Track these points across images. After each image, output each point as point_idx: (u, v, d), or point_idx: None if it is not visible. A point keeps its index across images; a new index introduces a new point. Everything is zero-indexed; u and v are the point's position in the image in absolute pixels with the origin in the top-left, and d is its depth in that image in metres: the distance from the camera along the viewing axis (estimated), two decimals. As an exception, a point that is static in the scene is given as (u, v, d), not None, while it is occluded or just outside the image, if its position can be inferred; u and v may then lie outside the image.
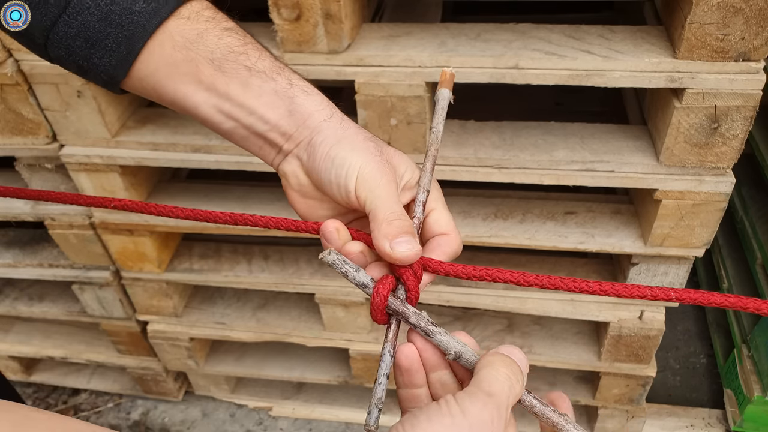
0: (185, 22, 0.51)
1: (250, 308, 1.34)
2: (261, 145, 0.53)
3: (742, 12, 0.74)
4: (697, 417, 1.44)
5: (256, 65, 0.51)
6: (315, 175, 0.51)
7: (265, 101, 0.51)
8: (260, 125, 0.52)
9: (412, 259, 0.47)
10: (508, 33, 0.89)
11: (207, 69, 0.50)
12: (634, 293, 0.45)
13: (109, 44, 0.50)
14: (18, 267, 1.31)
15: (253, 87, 0.51)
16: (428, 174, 0.53)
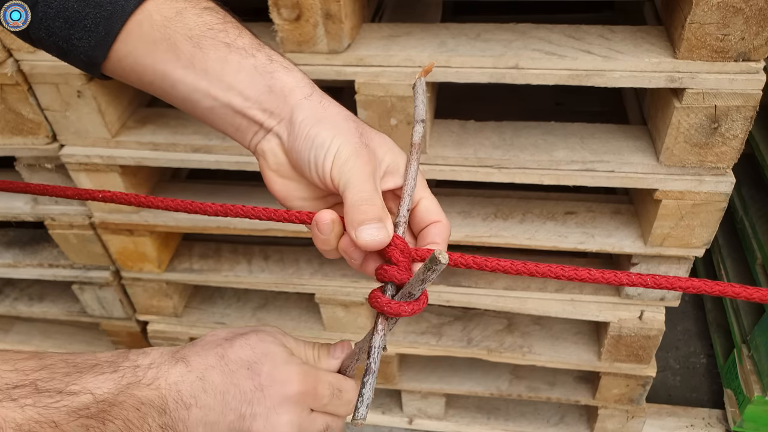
0: (164, 1, 0.50)
1: (250, 308, 1.34)
2: (239, 124, 0.52)
3: (742, 12, 0.74)
4: (697, 417, 1.44)
5: (236, 42, 0.51)
6: (294, 155, 0.50)
7: (245, 77, 0.50)
8: (239, 101, 0.50)
9: (378, 245, 0.46)
10: (508, 33, 0.89)
11: (185, 46, 0.50)
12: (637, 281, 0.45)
13: (88, 24, 0.49)
14: (18, 267, 1.31)
15: (231, 63, 0.50)
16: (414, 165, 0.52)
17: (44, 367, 0.42)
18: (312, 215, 0.49)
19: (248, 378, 0.47)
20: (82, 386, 0.42)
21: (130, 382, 0.43)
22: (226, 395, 0.46)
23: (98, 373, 0.43)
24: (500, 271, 0.47)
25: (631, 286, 0.45)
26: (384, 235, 0.46)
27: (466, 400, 1.45)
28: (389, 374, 1.33)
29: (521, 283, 1.15)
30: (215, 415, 0.45)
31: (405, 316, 0.47)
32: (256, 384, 0.47)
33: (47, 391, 0.40)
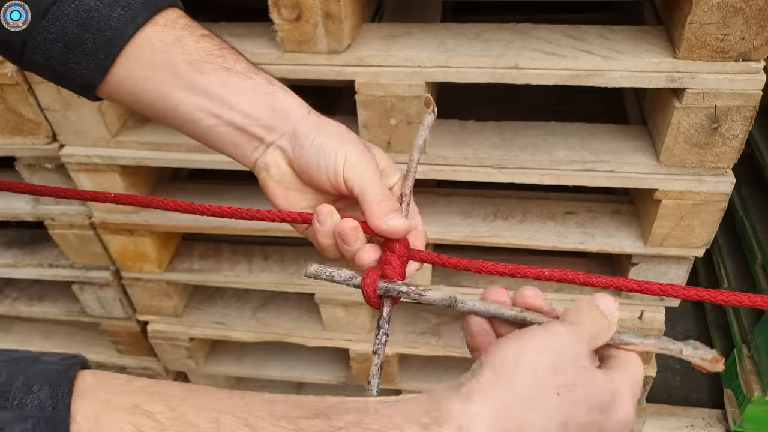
0: (162, 28, 0.53)
1: (250, 308, 1.34)
2: (239, 141, 0.54)
3: (742, 12, 0.75)
4: (697, 417, 1.44)
5: (234, 66, 0.53)
6: (303, 162, 0.53)
7: (246, 98, 0.53)
8: (240, 119, 0.53)
9: (405, 231, 0.51)
10: (508, 33, 0.89)
11: (186, 70, 0.52)
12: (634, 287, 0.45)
13: (87, 48, 0.51)
14: (18, 267, 1.31)
15: (232, 84, 0.53)
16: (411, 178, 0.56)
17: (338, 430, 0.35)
18: (307, 214, 0.52)
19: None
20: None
21: None
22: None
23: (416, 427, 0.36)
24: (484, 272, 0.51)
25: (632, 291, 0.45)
26: (407, 223, 0.51)
27: (466, 400, 1.45)
28: (389, 374, 1.33)
29: (521, 283, 1.15)
30: None
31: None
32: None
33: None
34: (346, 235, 0.51)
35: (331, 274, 0.50)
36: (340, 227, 0.51)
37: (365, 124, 0.92)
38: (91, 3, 0.51)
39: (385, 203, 0.51)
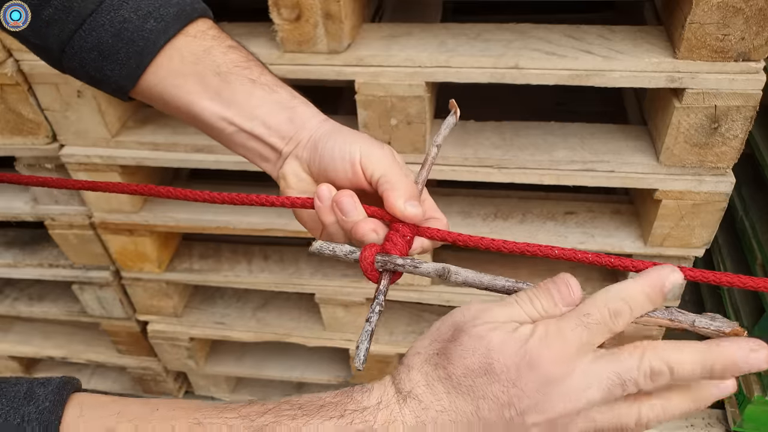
0: (192, 39, 0.55)
1: (250, 308, 1.34)
2: (260, 151, 0.57)
3: (742, 12, 0.75)
4: (697, 417, 1.44)
5: (260, 79, 0.56)
6: (317, 164, 0.54)
7: (268, 110, 0.55)
8: (262, 130, 0.55)
9: (420, 219, 0.52)
10: (508, 33, 0.89)
11: (213, 80, 0.55)
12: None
13: (121, 58, 0.54)
14: (18, 267, 1.31)
15: (256, 96, 0.55)
16: (425, 171, 0.58)
17: (268, 411, 0.40)
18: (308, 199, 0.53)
19: (491, 383, 0.40)
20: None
21: (360, 430, 0.39)
22: (479, 412, 0.40)
23: (325, 417, 0.40)
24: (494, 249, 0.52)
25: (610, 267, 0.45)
26: (420, 212, 0.51)
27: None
28: (389, 374, 1.33)
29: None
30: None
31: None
32: (503, 383, 0.40)
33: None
34: (343, 204, 0.51)
35: (333, 249, 0.51)
36: (337, 197, 0.52)
37: (365, 124, 0.92)
38: (125, 15, 0.54)
39: (409, 187, 0.52)
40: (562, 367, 0.39)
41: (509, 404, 0.39)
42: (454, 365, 0.41)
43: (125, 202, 1.11)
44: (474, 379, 0.40)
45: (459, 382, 0.40)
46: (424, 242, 0.54)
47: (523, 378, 0.39)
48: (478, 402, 0.40)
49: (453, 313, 0.46)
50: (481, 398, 0.40)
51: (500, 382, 0.40)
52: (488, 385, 0.40)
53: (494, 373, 0.40)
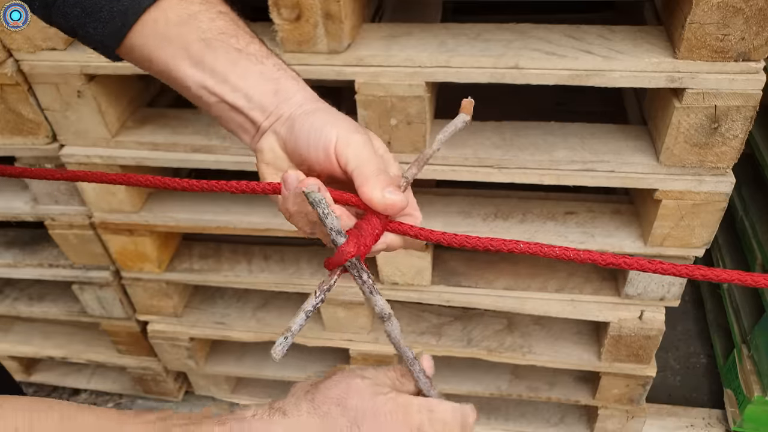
0: (179, 2, 0.53)
1: (250, 308, 1.34)
2: (240, 122, 0.55)
3: (742, 12, 0.74)
4: (697, 417, 1.44)
5: (246, 48, 0.53)
6: (292, 145, 0.52)
7: (251, 82, 0.53)
8: (243, 102, 0.53)
9: (401, 207, 0.50)
10: (508, 33, 0.89)
11: (197, 45, 0.53)
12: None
13: (104, 16, 0.53)
14: (18, 267, 1.31)
15: (240, 66, 0.53)
16: (415, 169, 0.55)
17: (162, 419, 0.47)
18: (276, 184, 0.51)
19: (341, 414, 0.49)
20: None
21: (237, 429, 0.48)
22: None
23: (209, 425, 0.48)
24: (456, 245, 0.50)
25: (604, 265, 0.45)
26: (403, 198, 0.50)
27: (466, 400, 1.45)
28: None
29: (521, 283, 1.15)
30: None
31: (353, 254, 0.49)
32: (349, 418, 0.49)
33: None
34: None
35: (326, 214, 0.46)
36: (302, 184, 0.49)
37: (365, 123, 0.92)
38: None
39: (383, 177, 0.49)
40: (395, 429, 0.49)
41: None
42: (320, 392, 0.51)
43: (125, 202, 1.11)
44: (330, 407, 0.49)
45: (319, 406, 0.50)
46: (392, 240, 0.53)
47: (366, 422, 0.49)
48: (326, 425, 0.49)
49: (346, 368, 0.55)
50: (330, 424, 0.49)
51: (347, 416, 0.49)
52: (339, 416, 0.49)
53: (346, 408, 0.49)
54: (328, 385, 0.51)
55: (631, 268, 0.46)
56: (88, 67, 0.95)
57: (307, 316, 0.49)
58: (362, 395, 0.50)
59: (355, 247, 0.48)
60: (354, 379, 0.51)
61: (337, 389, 0.50)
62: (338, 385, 0.51)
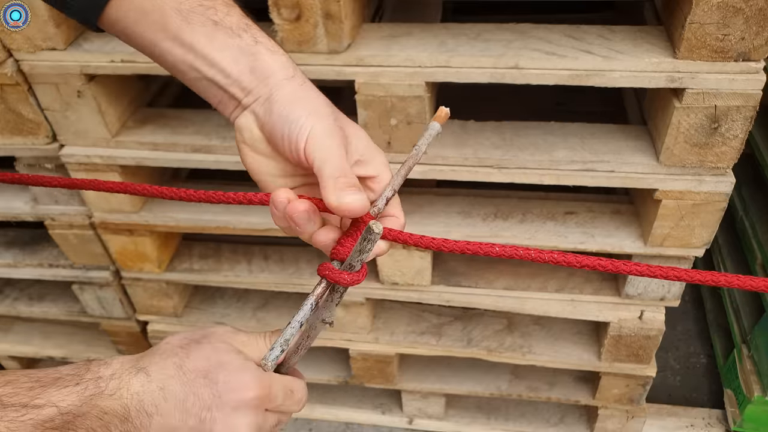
0: None
1: (250, 308, 1.34)
2: (221, 98, 0.54)
3: (742, 12, 0.74)
4: (697, 417, 1.44)
5: (224, 20, 0.52)
6: (269, 131, 0.52)
7: (229, 55, 0.52)
8: (221, 78, 0.53)
9: (360, 210, 0.49)
10: (508, 33, 0.89)
11: (174, 19, 0.52)
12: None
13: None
14: (18, 267, 1.31)
15: (217, 40, 0.52)
16: (400, 178, 0.55)
17: (7, 383, 0.44)
18: (265, 196, 0.52)
19: (206, 386, 0.50)
20: (46, 399, 0.43)
21: (93, 393, 0.45)
22: (185, 402, 0.49)
23: (61, 386, 0.45)
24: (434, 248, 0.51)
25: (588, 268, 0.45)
26: (364, 200, 0.49)
27: (466, 400, 1.45)
28: (389, 374, 1.33)
29: (521, 283, 1.15)
30: (176, 421, 0.48)
31: (344, 285, 0.50)
32: (214, 392, 0.50)
33: (12, 405, 0.42)
34: (295, 219, 0.50)
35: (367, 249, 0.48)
36: (290, 209, 0.50)
37: (365, 123, 0.92)
38: None
39: (343, 179, 0.49)
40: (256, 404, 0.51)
41: (209, 408, 0.49)
42: (190, 360, 0.50)
43: (125, 202, 1.11)
44: (196, 378, 0.49)
45: (185, 374, 0.49)
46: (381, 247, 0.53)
47: (228, 396, 0.50)
48: (188, 394, 0.49)
49: (210, 326, 0.55)
50: (193, 393, 0.49)
51: (213, 390, 0.49)
52: (204, 386, 0.49)
53: (212, 382, 0.50)
54: (199, 355, 0.51)
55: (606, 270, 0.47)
56: (88, 67, 0.95)
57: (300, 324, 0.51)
58: (230, 370, 0.51)
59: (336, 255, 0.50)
60: (225, 355, 0.52)
61: (207, 362, 0.51)
62: (210, 359, 0.51)
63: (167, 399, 0.48)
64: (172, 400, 0.48)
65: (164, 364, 0.50)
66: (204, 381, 0.50)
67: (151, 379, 0.48)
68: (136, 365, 0.49)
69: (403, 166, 0.56)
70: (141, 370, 0.48)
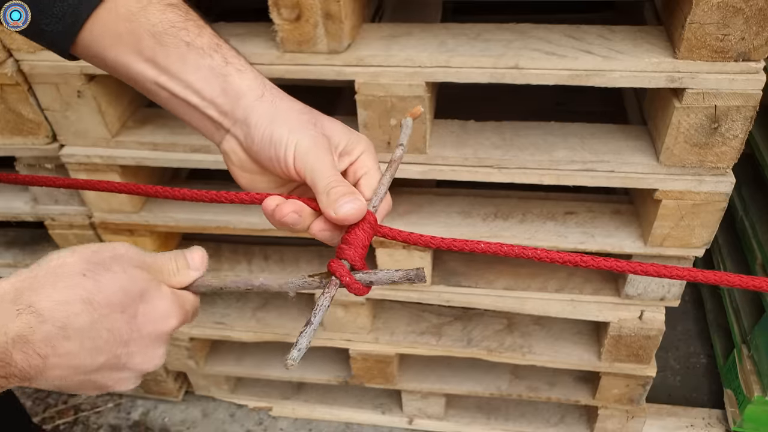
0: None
1: (250, 308, 1.34)
2: (199, 121, 0.55)
3: (742, 12, 0.74)
4: (697, 417, 1.44)
5: (195, 41, 0.53)
6: (254, 154, 0.53)
7: (201, 76, 0.52)
8: (196, 99, 0.53)
9: (358, 216, 0.50)
10: (508, 33, 0.89)
11: (148, 41, 0.52)
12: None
13: (56, 12, 0.52)
14: (18, 267, 1.31)
15: (190, 62, 0.52)
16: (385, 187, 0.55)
17: None
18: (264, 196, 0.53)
19: (123, 321, 0.46)
20: None
21: None
22: (96, 341, 0.44)
23: None
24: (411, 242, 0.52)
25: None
26: (360, 204, 0.50)
27: (466, 400, 1.45)
28: (389, 374, 1.33)
29: (521, 283, 1.15)
30: (81, 360, 0.44)
31: (351, 293, 0.51)
32: (132, 327, 0.46)
33: None
34: (286, 221, 0.51)
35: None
36: (278, 214, 0.51)
37: (365, 124, 0.92)
38: None
39: (335, 190, 0.50)
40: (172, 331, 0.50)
41: (126, 343, 0.46)
42: (101, 293, 0.44)
43: (125, 203, 1.11)
44: (111, 314, 0.44)
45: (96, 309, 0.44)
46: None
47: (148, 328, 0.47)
48: (100, 331, 0.44)
49: (108, 244, 0.49)
50: (106, 329, 0.44)
51: (131, 325, 0.46)
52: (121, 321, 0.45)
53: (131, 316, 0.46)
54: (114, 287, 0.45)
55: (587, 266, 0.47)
56: (88, 67, 0.95)
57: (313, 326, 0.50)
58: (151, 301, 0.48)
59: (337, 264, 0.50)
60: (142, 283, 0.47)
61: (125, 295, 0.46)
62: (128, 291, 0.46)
63: (70, 338, 0.43)
64: (77, 339, 0.43)
65: (64, 299, 0.43)
66: (121, 316, 0.45)
67: (44, 319, 0.42)
68: (17, 301, 0.43)
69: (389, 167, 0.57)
70: (27, 309, 0.43)
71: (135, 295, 0.46)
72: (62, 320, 0.43)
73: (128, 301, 0.46)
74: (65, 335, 0.43)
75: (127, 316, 0.46)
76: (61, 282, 0.44)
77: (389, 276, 0.49)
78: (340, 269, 0.50)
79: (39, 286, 0.44)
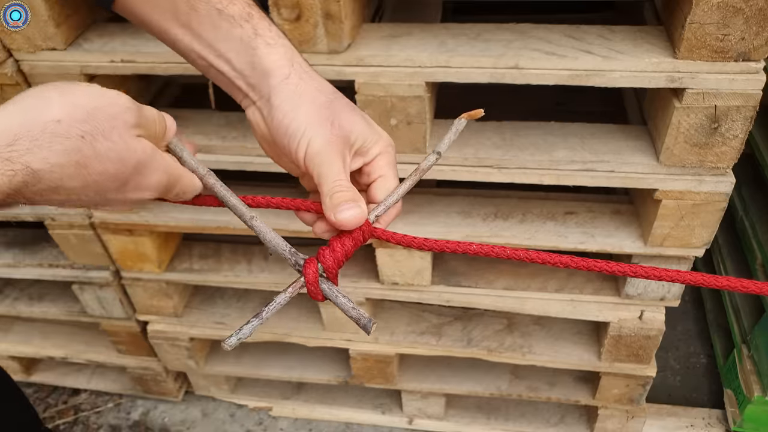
0: None
1: (250, 308, 1.34)
2: (231, 89, 0.56)
3: (742, 12, 0.74)
4: (697, 417, 1.44)
5: (227, 9, 0.53)
6: (272, 136, 0.54)
7: (232, 47, 0.53)
8: (227, 69, 0.54)
9: (356, 224, 0.51)
10: (508, 33, 0.89)
11: (183, 6, 0.52)
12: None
13: None
14: (18, 267, 1.31)
15: (221, 31, 0.53)
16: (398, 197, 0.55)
17: None
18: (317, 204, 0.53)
19: (113, 187, 0.46)
20: None
21: None
22: (82, 196, 0.45)
23: None
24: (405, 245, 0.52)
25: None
26: (360, 212, 0.50)
27: (466, 400, 1.45)
28: (389, 374, 1.33)
29: (521, 283, 1.15)
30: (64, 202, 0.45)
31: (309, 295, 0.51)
32: (119, 190, 0.47)
33: None
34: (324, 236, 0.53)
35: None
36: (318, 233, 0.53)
37: (365, 124, 0.92)
38: None
39: (338, 195, 0.50)
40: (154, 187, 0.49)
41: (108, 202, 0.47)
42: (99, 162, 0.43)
43: (125, 202, 1.11)
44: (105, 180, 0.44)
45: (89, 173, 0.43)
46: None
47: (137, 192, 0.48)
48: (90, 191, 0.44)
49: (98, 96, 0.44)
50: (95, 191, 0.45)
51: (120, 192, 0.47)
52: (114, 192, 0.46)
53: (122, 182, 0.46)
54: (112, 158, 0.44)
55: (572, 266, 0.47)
56: (88, 67, 0.94)
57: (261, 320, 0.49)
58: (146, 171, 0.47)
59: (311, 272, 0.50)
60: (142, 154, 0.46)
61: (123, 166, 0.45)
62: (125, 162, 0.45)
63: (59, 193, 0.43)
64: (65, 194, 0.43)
65: (60, 162, 0.41)
66: (112, 183, 0.45)
67: (39, 179, 0.41)
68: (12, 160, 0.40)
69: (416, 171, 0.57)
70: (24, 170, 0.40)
71: (130, 166, 0.46)
72: (56, 182, 0.42)
73: (123, 170, 0.45)
74: (55, 192, 0.43)
75: (118, 183, 0.46)
76: (59, 144, 0.41)
77: (346, 306, 0.50)
78: (311, 274, 0.50)
79: (36, 147, 0.41)
